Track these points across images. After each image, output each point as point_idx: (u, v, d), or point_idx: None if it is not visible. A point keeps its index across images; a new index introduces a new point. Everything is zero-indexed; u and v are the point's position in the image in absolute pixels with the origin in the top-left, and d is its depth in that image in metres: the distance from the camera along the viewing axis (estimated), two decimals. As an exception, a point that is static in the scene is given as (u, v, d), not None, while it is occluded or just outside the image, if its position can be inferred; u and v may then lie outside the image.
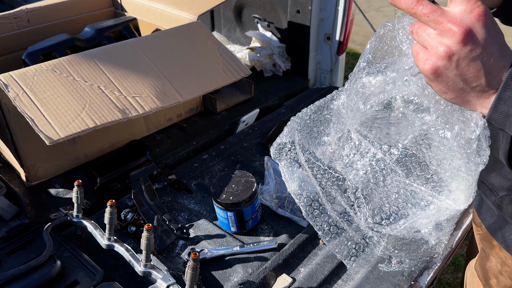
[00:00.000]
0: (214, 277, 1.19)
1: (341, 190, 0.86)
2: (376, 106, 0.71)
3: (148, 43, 1.55)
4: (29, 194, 1.49)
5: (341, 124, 0.83)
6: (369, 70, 0.74)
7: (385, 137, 0.77)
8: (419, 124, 0.69)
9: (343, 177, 0.85)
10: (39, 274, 1.11)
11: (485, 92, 0.60)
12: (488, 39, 0.57)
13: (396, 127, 0.74)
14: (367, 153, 0.80)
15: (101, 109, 1.28)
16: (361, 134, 0.80)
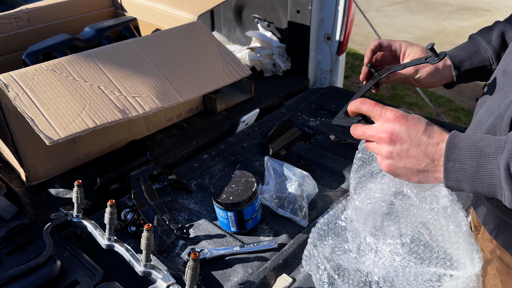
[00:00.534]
0: (214, 277, 1.19)
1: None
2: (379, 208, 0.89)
3: (148, 43, 1.55)
4: (29, 194, 1.50)
5: (355, 232, 0.99)
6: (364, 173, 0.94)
7: (392, 231, 0.93)
8: (413, 211, 0.85)
9: (370, 275, 0.98)
10: (39, 274, 1.11)
11: (435, 168, 0.75)
12: (410, 131, 0.76)
13: (397, 220, 0.91)
14: (384, 251, 0.95)
15: (101, 109, 1.28)
16: (374, 237, 0.96)
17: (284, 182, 1.41)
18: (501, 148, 0.70)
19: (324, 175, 1.56)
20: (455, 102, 3.89)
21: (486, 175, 0.70)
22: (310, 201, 1.42)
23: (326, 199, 1.44)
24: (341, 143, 1.73)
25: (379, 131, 0.78)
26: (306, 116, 1.95)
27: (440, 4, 6.40)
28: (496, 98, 0.90)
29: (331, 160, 1.61)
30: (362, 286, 0.99)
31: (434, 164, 0.75)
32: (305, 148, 1.71)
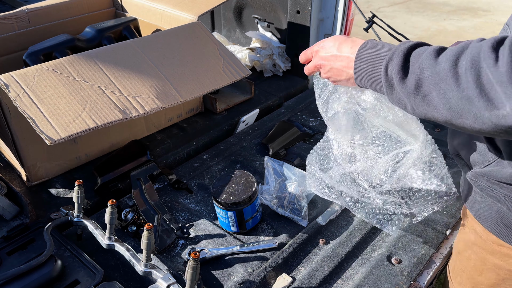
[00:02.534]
0: (214, 276, 1.19)
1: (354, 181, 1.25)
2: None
3: (149, 44, 1.55)
4: (30, 194, 1.50)
5: (336, 144, 1.25)
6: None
7: (363, 135, 1.16)
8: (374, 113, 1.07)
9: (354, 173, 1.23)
10: (39, 274, 1.11)
11: (351, 71, 0.96)
12: (327, 54, 1.02)
13: (363, 126, 1.14)
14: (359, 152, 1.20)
15: (102, 109, 1.28)
16: (351, 145, 1.20)
17: (284, 182, 1.41)
18: (390, 53, 0.83)
19: (324, 175, 1.57)
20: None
21: (377, 73, 0.86)
22: (310, 201, 1.42)
23: (325, 199, 1.44)
24: (341, 143, 1.73)
25: (315, 63, 1.05)
26: (306, 116, 1.95)
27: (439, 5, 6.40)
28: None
29: (331, 160, 1.62)
30: (350, 183, 1.25)
31: (349, 69, 0.96)
32: (305, 148, 1.71)
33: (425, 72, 0.74)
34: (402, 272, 1.20)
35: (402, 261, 1.23)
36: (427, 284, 1.22)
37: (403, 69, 0.79)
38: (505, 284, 0.96)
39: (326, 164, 1.33)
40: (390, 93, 0.83)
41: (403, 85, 0.78)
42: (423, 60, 0.75)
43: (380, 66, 0.85)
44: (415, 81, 0.76)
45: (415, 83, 0.76)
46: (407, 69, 0.78)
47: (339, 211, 1.40)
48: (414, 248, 1.27)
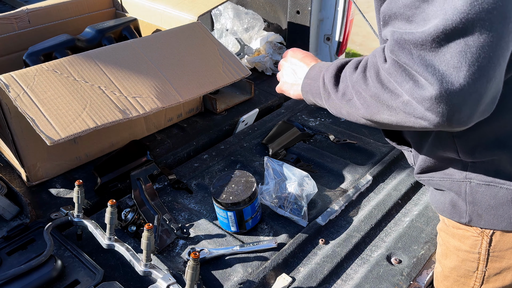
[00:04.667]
0: (214, 276, 1.19)
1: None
2: None
3: (149, 44, 1.55)
4: (30, 194, 1.50)
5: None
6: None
7: None
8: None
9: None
10: (39, 274, 1.11)
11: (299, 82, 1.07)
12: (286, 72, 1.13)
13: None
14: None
15: (102, 109, 1.28)
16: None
17: (284, 182, 1.41)
18: (327, 66, 0.93)
19: (323, 175, 1.57)
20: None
21: (316, 86, 0.95)
22: (309, 201, 1.43)
23: (325, 199, 1.44)
24: (340, 143, 1.73)
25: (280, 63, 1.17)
26: (305, 116, 1.95)
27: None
28: None
29: (331, 160, 1.62)
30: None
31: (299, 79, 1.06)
32: (305, 148, 1.71)
33: (348, 79, 0.84)
34: (401, 272, 1.20)
35: (401, 261, 1.23)
36: (427, 284, 1.22)
37: (335, 78, 0.89)
38: (465, 266, 1.01)
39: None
40: (328, 101, 0.92)
41: (336, 92, 0.88)
42: (347, 69, 0.86)
43: (319, 79, 0.95)
44: (342, 88, 0.86)
45: (342, 90, 0.86)
46: (339, 78, 0.88)
47: (339, 211, 1.40)
48: (414, 248, 1.27)
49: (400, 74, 0.69)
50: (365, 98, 0.78)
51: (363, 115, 0.82)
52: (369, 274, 1.19)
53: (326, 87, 0.91)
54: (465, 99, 0.65)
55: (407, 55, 0.67)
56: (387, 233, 1.34)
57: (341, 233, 1.33)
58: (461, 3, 0.61)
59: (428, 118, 0.68)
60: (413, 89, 0.68)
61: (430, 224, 1.36)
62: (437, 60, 0.65)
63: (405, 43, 0.67)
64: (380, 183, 1.54)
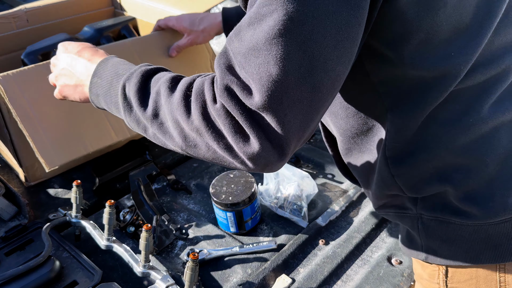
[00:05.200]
0: (213, 277, 1.18)
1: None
2: None
3: (146, 44, 1.55)
4: (28, 194, 1.49)
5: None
6: None
7: None
8: None
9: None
10: (37, 275, 1.11)
11: (85, 83, 0.88)
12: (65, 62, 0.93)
13: None
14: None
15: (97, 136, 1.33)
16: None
17: (284, 182, 1.41)
18: (129, 72, 0.79)
19: (323, 175, 1.56)
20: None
21: (113, 93, 0.79)
22: (309, 202, 1.42)
23: (325, 199, 1.44)
24: (340, 143, 1.72)
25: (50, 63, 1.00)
26: (305, 116, 1.94)
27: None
28: None
29: (331, 160, 1.61)
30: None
31: (83, 76, 0.88)
32: (305, 148, 1.70)
33: (161, 99, 0.72)
34: (402, 273, 1.19)
35: (402, 262, 1.23)
36: (427, 285, 1.22)
37: (142, 91, 0.76)
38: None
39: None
40: (129, 115, 0.78)
41: (143, 112, 0.75)
42: (161, 86, 0.73)
43: (117, 85, 0.79)
44: (153, 107, 0.74)
45: (152, 109, 0.74)
46: (146, 92, 0.75)
47: (339, 212, 1.39)
48: (414, 249, 1.27)
49: (229, 122, 0.66)
50: (183, 129, 0.71)
51: (176, 145, 0.74)
52: (370, 275, 1.19)
53: (129, 100, 0.77)
54: (280, 156, 0.67)
55: (236, 107, 0.65)
56: (388, 233, 1.33)
57: (342, 233, 1.32)
58: (287, 81, 0.61)
59: (245, 165, 0.69)
60: (239, 139, 0.66)
61: (430, 224, 1.35)
62: (260, 121, 0.64)
63: (234, 94, 0.65)
64: (380, 183, 1.53)
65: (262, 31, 0.60)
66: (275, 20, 0.59)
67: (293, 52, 0.59)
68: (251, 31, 0.62)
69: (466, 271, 0.88)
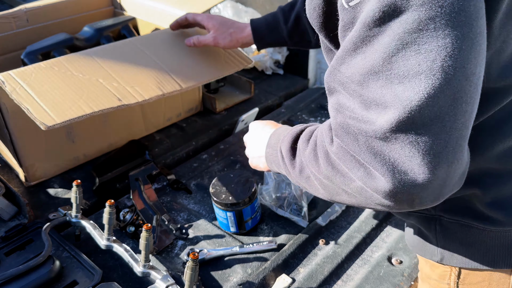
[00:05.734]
0: (213, 277, 1.18)
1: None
2: None
3: (148, 41, 1.54)
4: (28, 194, 1.49)
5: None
6: None
7: None
8: None
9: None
10: (37, 274, 1.11)
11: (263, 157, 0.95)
12: (252, 138, 1.03)
13: None
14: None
15: (99, 97, 1.24)
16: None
17: (284, 182, 1.41)
18: (283, 135, 0.84)
19: (323, 175, 1.56)
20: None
21: (277, 158, 0.85)
22: (310, 201, 1.42)
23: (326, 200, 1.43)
24: (340, 143, 1.72)
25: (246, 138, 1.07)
26: (306, 116, 1.94)
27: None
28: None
29: (331, 160, 1.61)
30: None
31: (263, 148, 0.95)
32: (305, 148, 1.70)
33: (301, 155, 0.75)
34: (402, 273, 1.19)
35: (402, 261, 1.23)
36: (428, 285, 1.22)
37: (292, 150, 0.79)
38: None
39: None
40: (289, 175, 0.82)
41: (293, 169, 0.78)
42: (300, 142, 0.77)
43: (277, 149, 0.85)
44: (299, 165, 0.76)
45: (299, 167, 0.76)
46: (295, 151, 0.79)
47: (339, 212, 1.39)
48: (415, 249, 1.27)
49: (349, 161, 0.62)
50: (321, 179, 0.70)
51: (324, 196, 0.74)
52: (370, 275, 1.19)
53: (285, 161, 0.82)
54: (426, 187, 0.58)
55: (353, 141, 0.61)
56: (388, 233, 1.33)
57: (342, 233, 1.32)
58: (417, 97, 0.54)
59: (387, 205, 0.61)
60: (365, 178, 0.61)
61: (431, 224, 1.35)
62: (386, 149, 0.58)
63: (350, 128, 0.61)
64: (381, 183, 1.53)
65: (376, 51, 0.56)
66: (390, 36, 0.55)
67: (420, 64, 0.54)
68: (360, 56, 0.58)
69: (479, 273, 0.87)
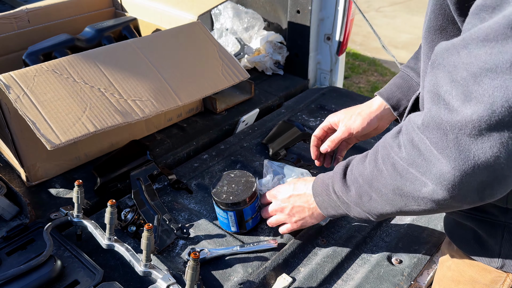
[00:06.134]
0: (214, 277, 1.19)
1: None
2: None
3: (148, 44, 1.55)
4: (30, 194, 1.50)
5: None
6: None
7: None
8: None
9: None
10: (39, 274, 1.11)
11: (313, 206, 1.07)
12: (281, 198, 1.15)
13: None
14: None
15: (102, 113, 1.28)
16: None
17: (283, 178, 1.41)
18: (331, 178, 0.91)
19: (324, 175, 1.56)
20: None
21: (332, 199, 0.92)
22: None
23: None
24: (341, 143, 1.73)
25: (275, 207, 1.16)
26: (306, 116, 1.95)
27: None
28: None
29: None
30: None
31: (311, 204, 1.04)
32: (305, 148, 1.71)
33: (359, 179, 0.81)
34: (402, 272, 1.20)
35: (402, 261, 1.23)
36: (428, 284, 1.22)
37: (344, 184, 0.87)
38: None
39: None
40: (349, 211, 0.89)
41: (350, 197, 0.85)
42: (354, 170, 0.84)
43: (330, 193, 0.93)
44: (356, 190, 0.82)
45: (356, 192, 0.83)
46: (346, 182, 0.87)
47: (339, 211, 1.40)
48: (415, 248, 1.27)
49: (421, 161, 0.64)
50: (387, 195, 0.74)
51: (393, 210, 0.77)
52: (370, 274, 1.19)
53: (342, 199, 0.89)
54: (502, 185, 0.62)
55: (442, 136, 0.62)
56: (388, 233, 1.34)
57: (342, 233, 1.32)
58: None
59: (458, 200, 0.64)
60: (440, 176, 0.62)
61: (431, 224, 1.35)
62: (474, 147, 0.59)
63: (442, 123, 0.62)
64: (381, 183, 1.53)
65: (507, 53, 0.54)
66: None
67: None
68: (487, 49, 0.56)
69: None
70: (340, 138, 1.24)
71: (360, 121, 1.19)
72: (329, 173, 0.97)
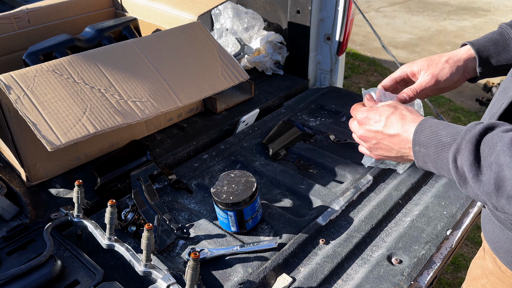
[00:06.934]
0: (214, 276, 1.19)
1: None
2: None
3: (148, 44, 1.55)
4: (30, 194, 1.50)
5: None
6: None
7: None
8: None
9: None
10: (39, 274, 1.11)
11: (406, 152, 0.86)
12: (371, 129, 0.90)
13: None
14: None
15: (102, 114, 1.28)
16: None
17: None
18: (456, 142, 0.73)
19: (324, 175, 1.56)
20: (455, 102, 3.89)
21: (444, 162, 0.75)
22: (309, 201, 1.42)
23: (326, 199, 1.44)
24: (340, 143, 1.73)
25: (360, 135, 0.94)
26: (306, 116, 1.95)
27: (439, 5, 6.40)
28: (497, 99, 0.89)
29: (331, 160, 1.62)
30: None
31: (403, 149, 0.86)
32: (305, 148, 1.71)
33: (505, 170, 0.65)
34: (402, 272, 1.20)
35: (402, 261, 1.23)
36: (427, 284, 1.22)
37: (476, 163, 0.69)
38: None
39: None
40: (465, 187, 0.72)
41: (479, 183, 0.68)
42: (500, 155, 0.66)
43: (446, 155, 0.74)
44: (494, 180, 0.66)
45: (494, 182, 0.66)
46: (480, 163, 0.69)
47: (339, 211, 1.40)
48: (414, 248, 1.27)
49: None
50: None
51: None
52: (370, 274, 1.19)
53: (462, 173, 0.71)
54: None
55: None
56: (388, 233, 1.34)
57: (342, 233, 1.33)
58: None
59: None
60: None
61: (430, 224, 1.36)
62: None
63: None
64: (381, 183, 1.54)
65: None
66: None
67: None
68: None
69: None
70: (424, 87, 1.04)
71: (449, 69, 1.03)
72: (445, 126, 0.78)
